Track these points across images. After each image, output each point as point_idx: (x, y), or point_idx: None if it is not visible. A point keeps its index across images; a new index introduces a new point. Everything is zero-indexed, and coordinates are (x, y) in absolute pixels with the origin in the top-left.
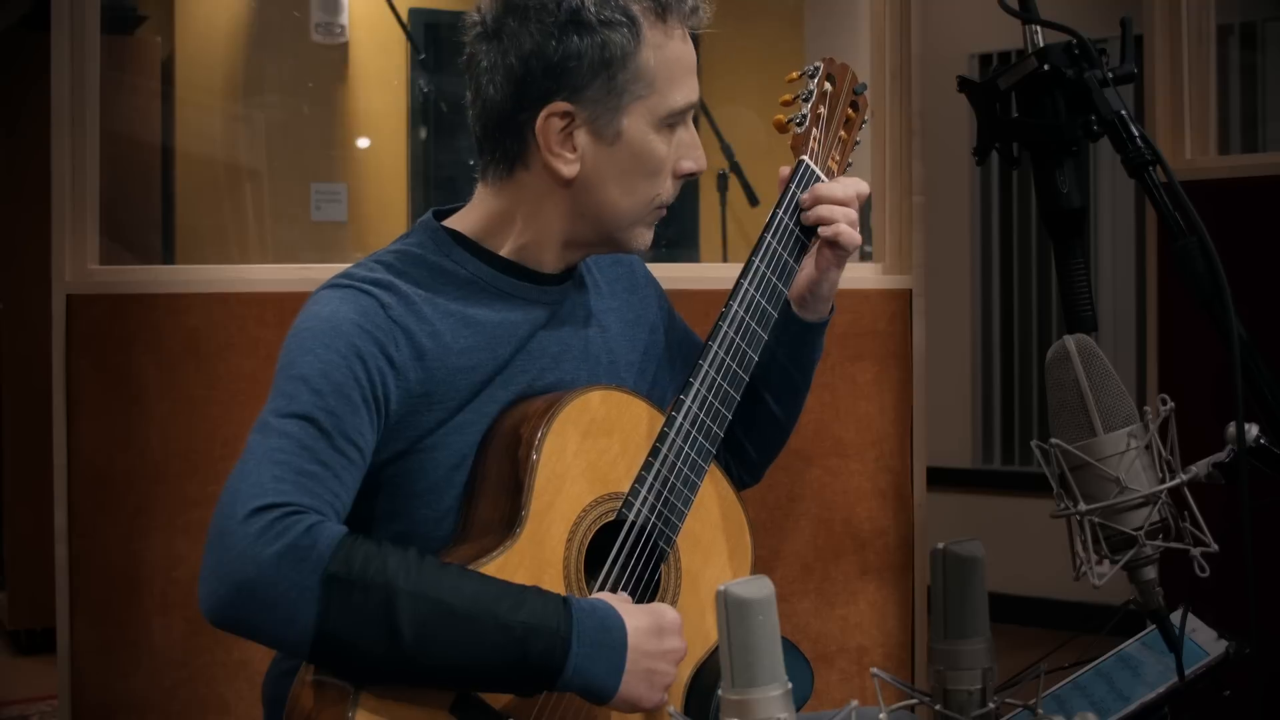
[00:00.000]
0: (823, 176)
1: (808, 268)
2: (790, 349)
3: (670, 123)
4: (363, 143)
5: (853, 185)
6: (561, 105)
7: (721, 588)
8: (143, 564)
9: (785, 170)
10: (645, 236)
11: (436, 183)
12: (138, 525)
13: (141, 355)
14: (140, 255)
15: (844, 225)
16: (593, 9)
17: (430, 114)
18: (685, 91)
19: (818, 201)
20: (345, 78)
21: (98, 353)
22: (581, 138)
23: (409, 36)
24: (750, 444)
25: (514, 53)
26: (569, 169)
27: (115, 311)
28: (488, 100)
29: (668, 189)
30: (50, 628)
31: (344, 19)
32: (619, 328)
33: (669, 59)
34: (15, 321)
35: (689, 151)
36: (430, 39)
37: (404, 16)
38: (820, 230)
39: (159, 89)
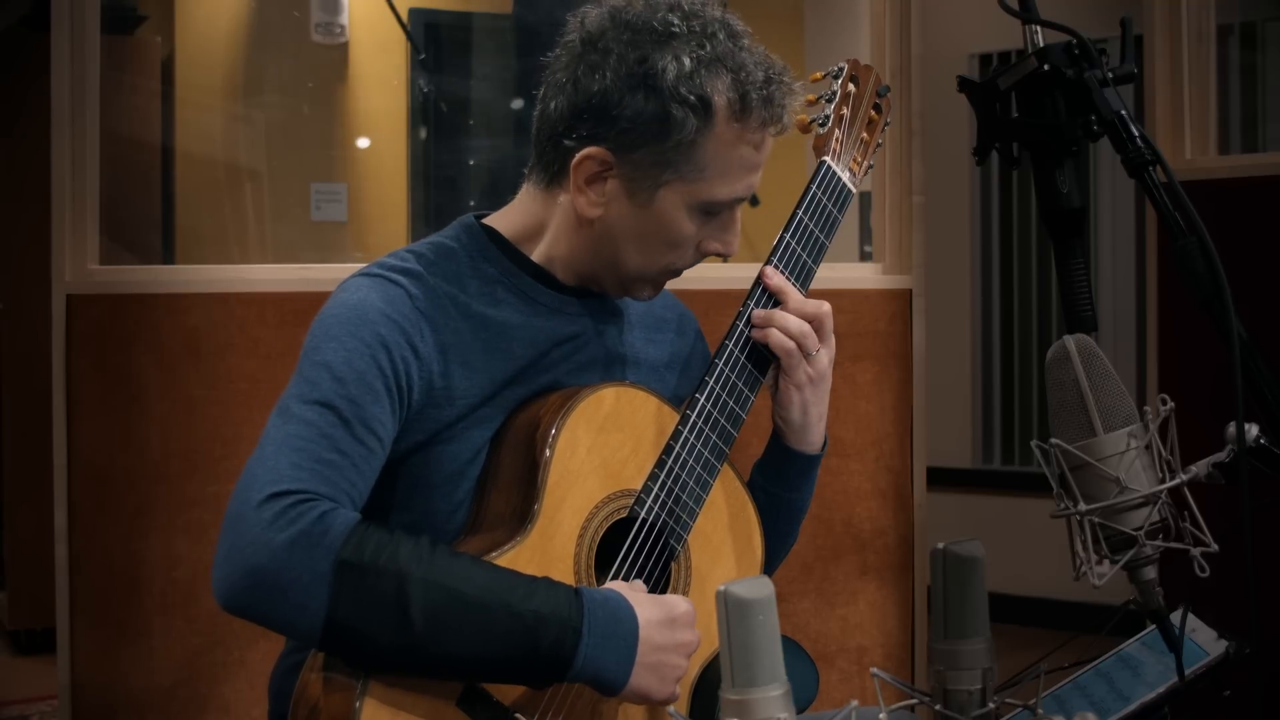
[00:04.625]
0: (843, 178)
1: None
2: (773, 478)
3: (707, 209)
4: (363, 143)
5: (811, 306)
6: (603, 153)
7: (721, 588)
8: (143, 564)
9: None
10: (648, 292)
11: (436, 183)
12: (138, 525)
13: (141, 355)
14: (140, 255)
15: (791, 347)
16: (670, 79)
17: (430, 114)
18: (735, 189)
19: (769, 324)
20: (345, 78)
21: (98, 353)
22: (612, 186)
23: (409, 36)
24: None
25: (584, 82)
26: (591, 210)
27: (115, 311)
28: (547, 112)
29: (686, 259)
30: (50, 628)
31: (344, 19)
32: (649, 363)
33: (731, 157)
34: (15, 321)
35: (721, 236)
36: (430, 39)
37: (404, 16)
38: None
39: (159, 89)
